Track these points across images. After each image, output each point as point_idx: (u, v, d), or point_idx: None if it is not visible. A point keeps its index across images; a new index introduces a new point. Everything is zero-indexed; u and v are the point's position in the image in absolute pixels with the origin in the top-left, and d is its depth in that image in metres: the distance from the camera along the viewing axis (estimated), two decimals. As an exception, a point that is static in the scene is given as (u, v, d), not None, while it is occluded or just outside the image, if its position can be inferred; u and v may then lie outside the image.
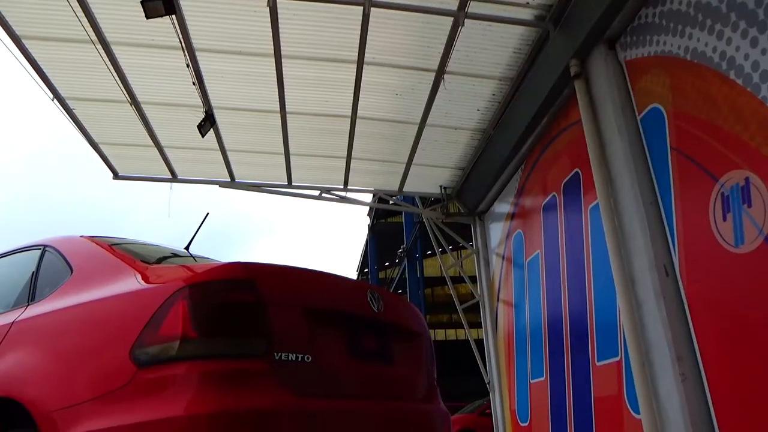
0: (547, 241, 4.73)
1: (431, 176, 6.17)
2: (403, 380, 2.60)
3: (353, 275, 25.76)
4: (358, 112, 4.98)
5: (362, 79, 4.54)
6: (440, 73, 4.45)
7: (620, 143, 3.50)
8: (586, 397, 3.96)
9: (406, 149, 5.57)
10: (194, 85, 4.43)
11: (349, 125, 5.17)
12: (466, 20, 3.83)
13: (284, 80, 4.56)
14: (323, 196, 6.39)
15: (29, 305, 2.39)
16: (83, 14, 3.80)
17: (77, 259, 2.44)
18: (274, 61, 4.33)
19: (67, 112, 4.90)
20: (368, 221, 23.12)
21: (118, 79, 4.42)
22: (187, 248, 2.79)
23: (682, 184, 3.09)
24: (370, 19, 3.92)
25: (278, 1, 3.79)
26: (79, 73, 4.47)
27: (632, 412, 3.43)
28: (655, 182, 3.32)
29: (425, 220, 6.93)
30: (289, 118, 5.08)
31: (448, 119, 5.14)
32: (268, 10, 3.83)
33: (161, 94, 4.76)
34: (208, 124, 4.66)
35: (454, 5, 3.82)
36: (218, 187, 6.22)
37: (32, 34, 4.07)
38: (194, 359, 1.86)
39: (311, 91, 4.76)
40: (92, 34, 3.96)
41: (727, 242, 2.75)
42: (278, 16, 3.91)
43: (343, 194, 6.44)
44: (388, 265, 26.52)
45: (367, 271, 25.28)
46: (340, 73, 4.52)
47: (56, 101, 4.74)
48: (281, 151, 5.58)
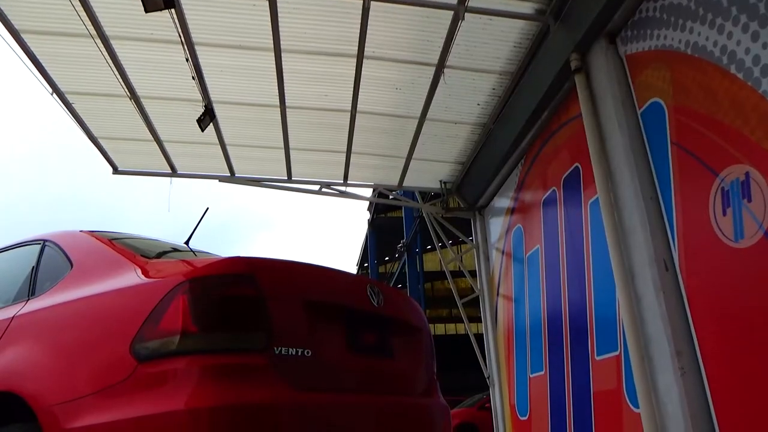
0: (546, 235, 4.73)
1: (431, 171, 6.16)
2: (402, 374, 2.60)
3: (353, 270, 25.78)
4: (357, 106, 4.97)
5: (362, 73, 4.53)
6: (440, 67, 4.44)
7: (620, 138, 3.49)
8: (585, 391, 3.97)
9: (406, 144, 5.57)
10: (194, 79, 4.42)
11: (348, 119, 5.16)
12: (466, 14, 3.82)
13: (284, 74, 4.55)
14: (323, 190, 6.40)
15: (29, 300, 2.39)
16: (82, 8, 3.79)
17: (77, 253, 2.45)
18: (273, 55, 4.32)
19: (66, 106, 4.90)
20: (368, 216, 23.13)
21: (117, 73, 4.41)
22: (187, 243, 2.79)
23: (682, 178, 3.09)
24: (370, 12, 3.90)
25: (278, -6, 3.79)
26: (78, 67, 4.46)
27: (631, 406, 3.44)
28: (655, 177, 3.31)
29: (425, 214, 6.92)
30: (288, 112, 5.07)
31: (448, 113, 5.12)
32: (267, 3, 3.82)
33: (161, 88, 4.76)
34: (207, 118, 4.65)
35: (454, -1, 3.81)
36: (218, 181, 6.22)
37: (31, 28, 4.05)
38: (194, 353, 1.86)
39: (311, 85, 4.75)
40: (91, 28, 3.95)
41: (726, 237, 2.75)
42: (278, 9, 3.90)
43: (342, 189, 6.44)
44: (388, 259, 26.50)
45: (367, 265, 25.28)
46: (339, 67, 4.51)
47: (55, 95, 4.72)
48: (281, 145, 5.57)
